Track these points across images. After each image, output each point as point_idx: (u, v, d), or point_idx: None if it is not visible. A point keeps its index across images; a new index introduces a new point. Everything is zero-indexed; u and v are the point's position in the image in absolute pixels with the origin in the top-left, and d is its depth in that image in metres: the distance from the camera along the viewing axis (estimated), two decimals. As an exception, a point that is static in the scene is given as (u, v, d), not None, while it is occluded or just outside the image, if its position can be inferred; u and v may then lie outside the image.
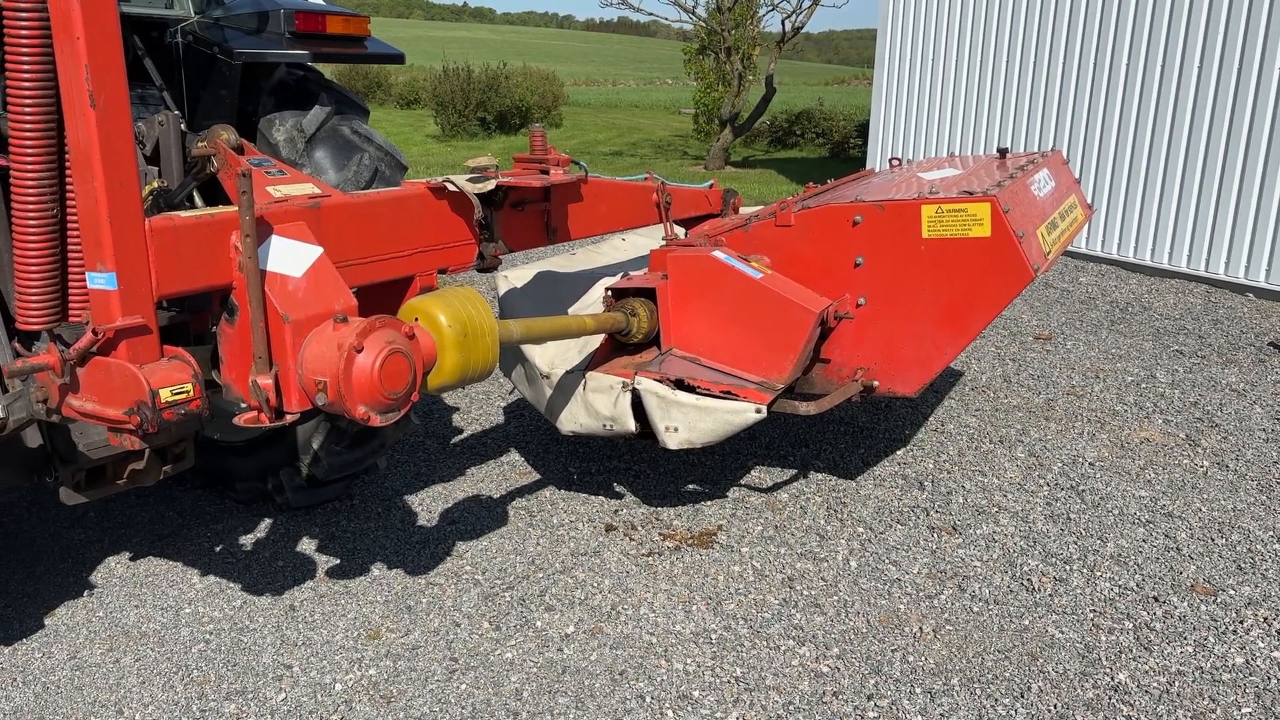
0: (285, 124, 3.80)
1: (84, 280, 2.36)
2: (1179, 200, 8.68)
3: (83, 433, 2.76)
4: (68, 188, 2.37)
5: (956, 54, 10.79)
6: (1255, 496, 4.40)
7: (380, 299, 3.07)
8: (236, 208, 2.43)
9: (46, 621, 3.53)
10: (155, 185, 2.83)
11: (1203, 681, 3.12)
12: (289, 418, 2.50)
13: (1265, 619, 3.45)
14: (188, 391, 2.38)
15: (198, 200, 3.43)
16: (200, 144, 2.79)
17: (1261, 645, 3.30)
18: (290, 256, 2.56)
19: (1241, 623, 3.43)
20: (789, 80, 44.16)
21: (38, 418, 2.49)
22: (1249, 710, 2.98)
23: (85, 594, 3.70)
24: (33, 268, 2.38)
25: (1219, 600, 3.57)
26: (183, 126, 2.96)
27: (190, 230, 2.44)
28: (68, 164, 2.34)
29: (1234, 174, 8.24)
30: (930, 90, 11.19)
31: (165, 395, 2.32)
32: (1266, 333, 7.01)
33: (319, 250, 2.61)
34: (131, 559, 3.95)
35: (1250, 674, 3.16)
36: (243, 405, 2.53)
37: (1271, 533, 4.06)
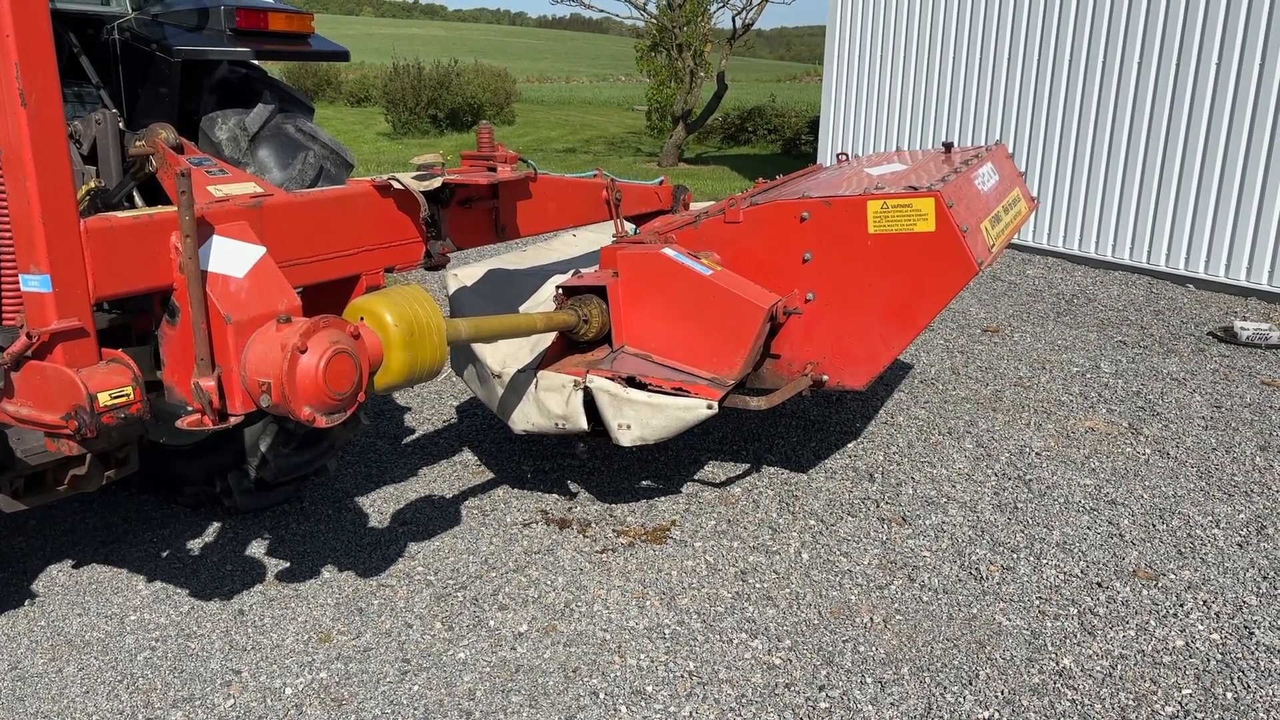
0: (228, 122, 3.75)
1: (17, 283, 2.31)
2: (1121, 193, 8.87)
3: (20, 438, 2.70)
4: (-1, 188, 2.32)
5: (905, 50, 10.92)
6: (1195, 483, 4.51)
7: (326, 299, 3.04)
8: (176, 208, 2.39)
9: (-14, 632, 3.45)
10: (92, 185, 2.77)
11: (1144, 664, 3.19)
12: (233, 420, 2.47)
13: (1204, 602, 3.54)
14: (127, 395, 2.34)
15: (138, 200, 3.37)
16: (138, 143, 2.74)
17: (1201, 628, 3.38)
18: (232, 256, 2.52)
19: (1181, 606, 3.51)
20: (741, 77, 44.34)
21: (-29, 424, 2.43)
22: (1189, 691, 3.06)
23: (26, 603, 3.62)
24: (-36, 270, 2.33)
25: (1160, 585, 3.66)
26: (121, 125, 2.92)
27: (128, 231, 2.40)
28: (-1, 164, 2.29)
29: (1173, 168, 8.43)
30: (879, 85, 11.31)
31: (104, 399, 2.28)
32: (1205, 323, 7.19)
33: (261, 250, 2.58)
34: (75, 566, 3.87)
35: (1190, 656, 3.24)
36: (186, 408, 2.50)
37: (1210, 518, 4.16)
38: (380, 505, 4.37)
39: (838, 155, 5.39)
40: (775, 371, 3.86)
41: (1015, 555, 3.88)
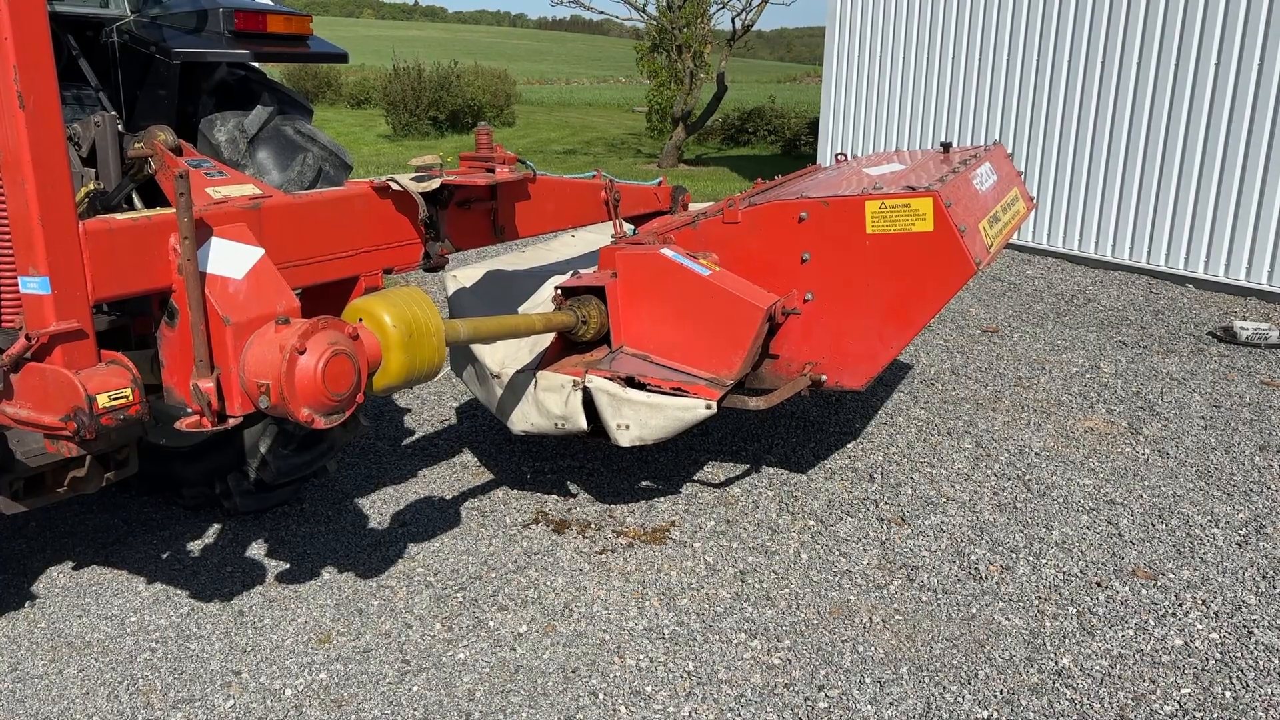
0: (227, 124, 3.75)
1: (16, 285, 2.32)
2: (1120, 193, 8.87)
3: (19, 440, 2.71)
4: (-2, 190, 2.32)
5: (904, 50, 10.92)
6: (1194, 483, 4.51)
7: (325, 300, 3.05)
8: (175, 209, 2.40)
9: (-13, 634, 3.46)
10: (91, 187, 2.78)
11: (1143, 664, 3.19)
12: (231, 421, 2.47)
13: (1203, 601, 3.54)
14: (126, 396, 2.34)
15: (137, 202, 3.38)
16: (137, 145, 2.75)
17: (1200, 627, 3.39)
18: (231, 258, 2.53)
19: (1180, 605, 3.52)
20: (741, 78, 44.38)
21: (-30, 426, 2.44)
22: (1188, 691, 3.06)
23: (27, 605, 3.63)
24: (-38, 273, 2.33)
25: (1159, 584, 3.66)
26: (120, 127, 2.92)
27: (126, 232, 2.41)
28: (-3, 166, 2.29)
29: (1173, 167, 8.43)
30: (879, 86, 11.31)
31: (103, 401, 2.29)
32: (1205, 323, 7.19)
33: (260, 251, 2.59)
34: (75, 568, 3.87)
35: (1189, 655, 3.24)
36: (185, 410, 2.50)
37: (1209, 517, 4.17)
38: (380, 506, 4.37)
39: (836, 156, 5.40)
40: (774, 371, 3.86)
41: (1014, 555, 3.88)
